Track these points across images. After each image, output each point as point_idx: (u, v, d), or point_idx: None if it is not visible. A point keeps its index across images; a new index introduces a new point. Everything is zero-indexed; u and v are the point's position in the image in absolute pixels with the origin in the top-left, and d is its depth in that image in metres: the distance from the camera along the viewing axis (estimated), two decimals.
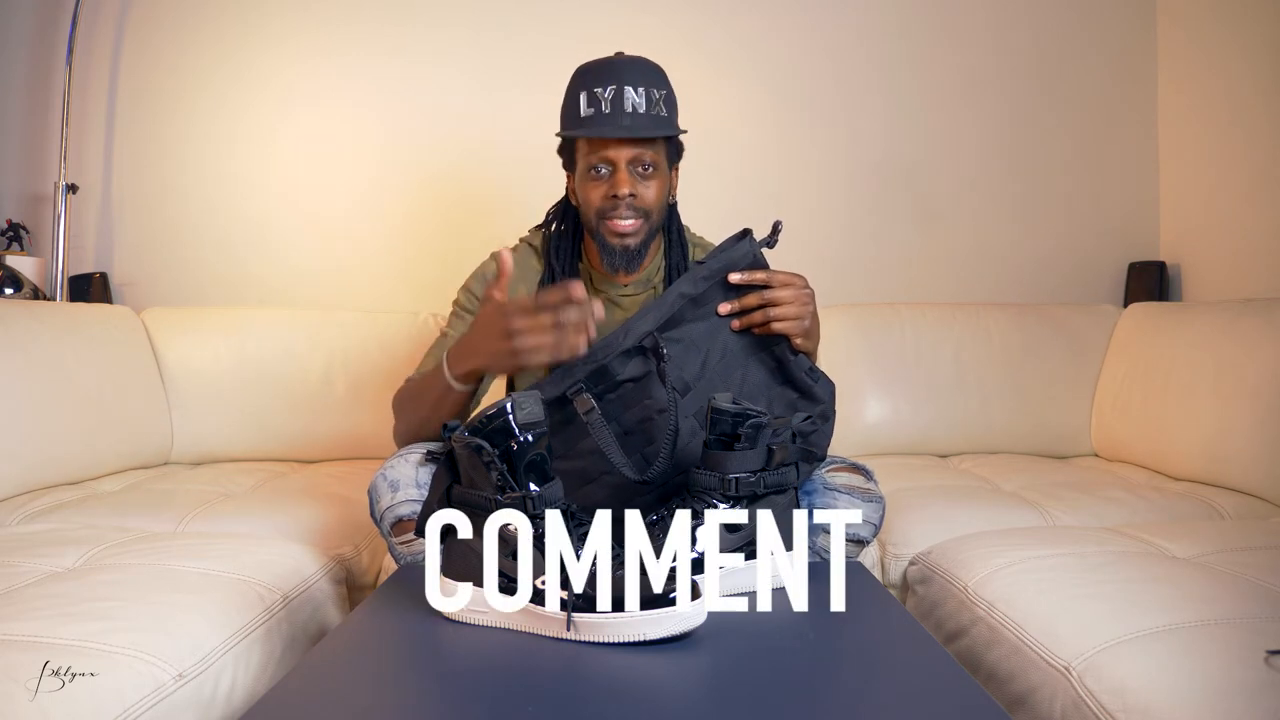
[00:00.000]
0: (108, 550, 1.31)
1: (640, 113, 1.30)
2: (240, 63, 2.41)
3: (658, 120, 1.32)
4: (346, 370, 2.12)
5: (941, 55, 2.44)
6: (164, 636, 1.01)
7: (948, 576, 1.35)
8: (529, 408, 0.96)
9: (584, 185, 1.35)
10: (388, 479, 1.23)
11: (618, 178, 1.31)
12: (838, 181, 2.45)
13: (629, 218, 1.32)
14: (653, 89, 1.31)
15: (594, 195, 1.34)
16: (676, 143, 1.40)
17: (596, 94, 1.30)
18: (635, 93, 1.29)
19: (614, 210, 1.32)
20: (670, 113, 1.35)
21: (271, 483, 1.88)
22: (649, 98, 1.31)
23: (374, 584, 1.53)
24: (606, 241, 1.34)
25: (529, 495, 0.94)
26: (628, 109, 1.29)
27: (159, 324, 2.13)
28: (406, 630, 0.98)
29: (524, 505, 0.94)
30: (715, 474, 1.07)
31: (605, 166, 1.32)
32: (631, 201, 1.32)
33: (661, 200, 1.36)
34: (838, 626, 1.00)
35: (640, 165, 1.32)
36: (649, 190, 1.33)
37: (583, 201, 1.37)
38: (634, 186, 1.32)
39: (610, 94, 1.29)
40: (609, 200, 1.32)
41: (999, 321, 2.18)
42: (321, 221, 2.42)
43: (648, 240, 1.36)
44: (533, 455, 0.96)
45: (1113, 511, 1.60)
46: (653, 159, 1.33)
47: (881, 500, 1.27)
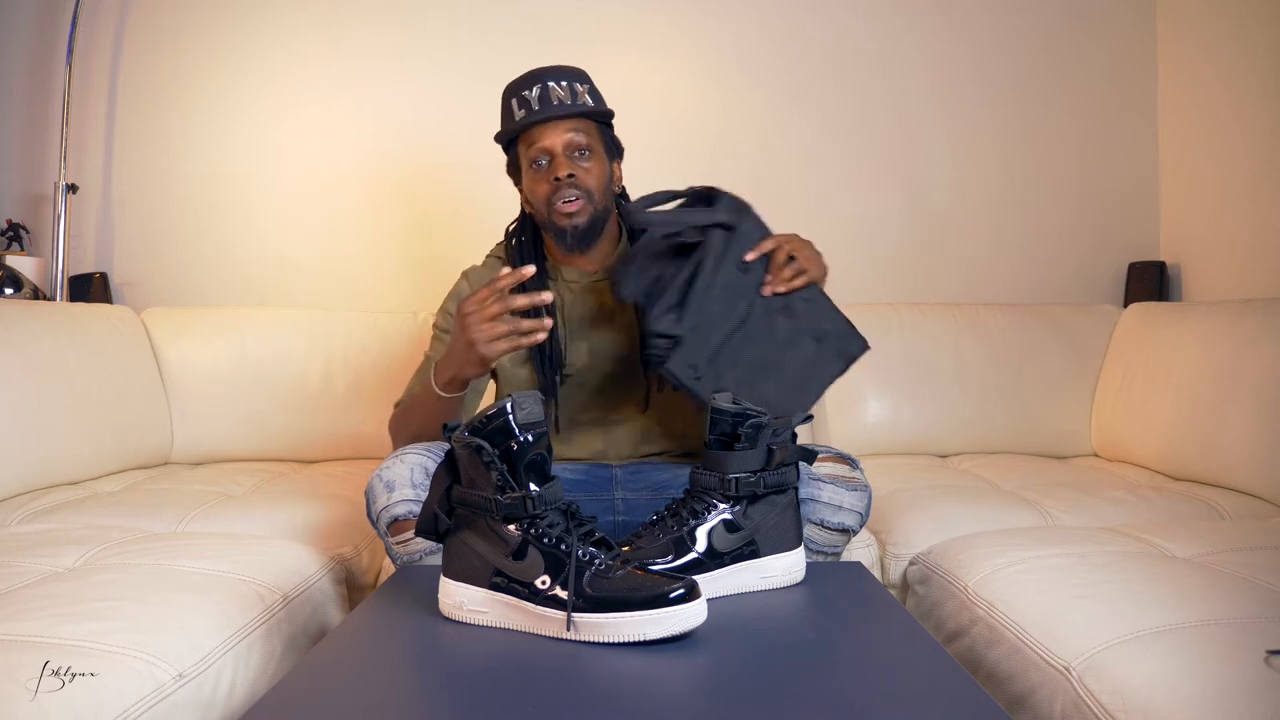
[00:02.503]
0: (108, 550, 1.31)
1: (567, 103, 1.39)
2: (240, 63, 2.41)
3: (583, 106, 1.41)
4: (346, 370, 2.12)
5: (942, 55, 2.44)
6: (164, 636, 1.01)
7: (948, 577, 1.35)
8: (529, 407, 0.96)
9: (530, 183, 1.43)
10: (383, 479, 1.24)
11: (556, 163, 1.39)
12: (836, 181, 2.44)
13: (572, 198, 1.38)
14: (575, 82, 1.41)
15: (540, 187, 1.41)
16: (613, 137, 1.47)
17: (525, 96, 1.40)
18: (560, 86, 1.40)
19: (557, 193, 1.38)
20: (596, 101, 1.43)
21: (271, 483, 1.88)
22: (573, 90, 1.40)
23: (374, 584, 1.53)
24: (557, 226, 1.40)
25: (529, 495, 0.94)
26: (554, 101, 1.39)
27: (159, 324, 2.13)
28: (406, 630, 0.98)
29: (524, 505, 0.94)
30: (715, 474, 1.08)
31: (544, 157, 1.40)
32: (572, 182, 1.38)
33: (603, 183, 1.42)
34: (838, 627, 1.00)
35: (576, 149, 1.40)
36: (588, 174, 1.40)
37: (533, 199, 1.44)
38: (572, 168, 1.38)
39: (536, 92, 1.39)
40: (552, 185, 1.39)
41: (999, 322, 2.18)
42: (322, 222, 2.42)
43: (596, 221, 1.41)
44: (533, 455, 0.96)
45: (1113, 511, 1.60)
46: (588, 143, 1.40)
47: (867, 489, 1.28)
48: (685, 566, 1.04)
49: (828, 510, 1.24)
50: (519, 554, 0.94)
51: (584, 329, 1.46)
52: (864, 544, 1.56)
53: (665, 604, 0.89)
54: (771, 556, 1.09)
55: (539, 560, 0.93)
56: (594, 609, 0.90)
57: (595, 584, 0.91)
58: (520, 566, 0.94)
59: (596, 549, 0.95)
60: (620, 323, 1.45)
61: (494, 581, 0.96)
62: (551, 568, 0.93)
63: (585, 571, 0.92)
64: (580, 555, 0.93)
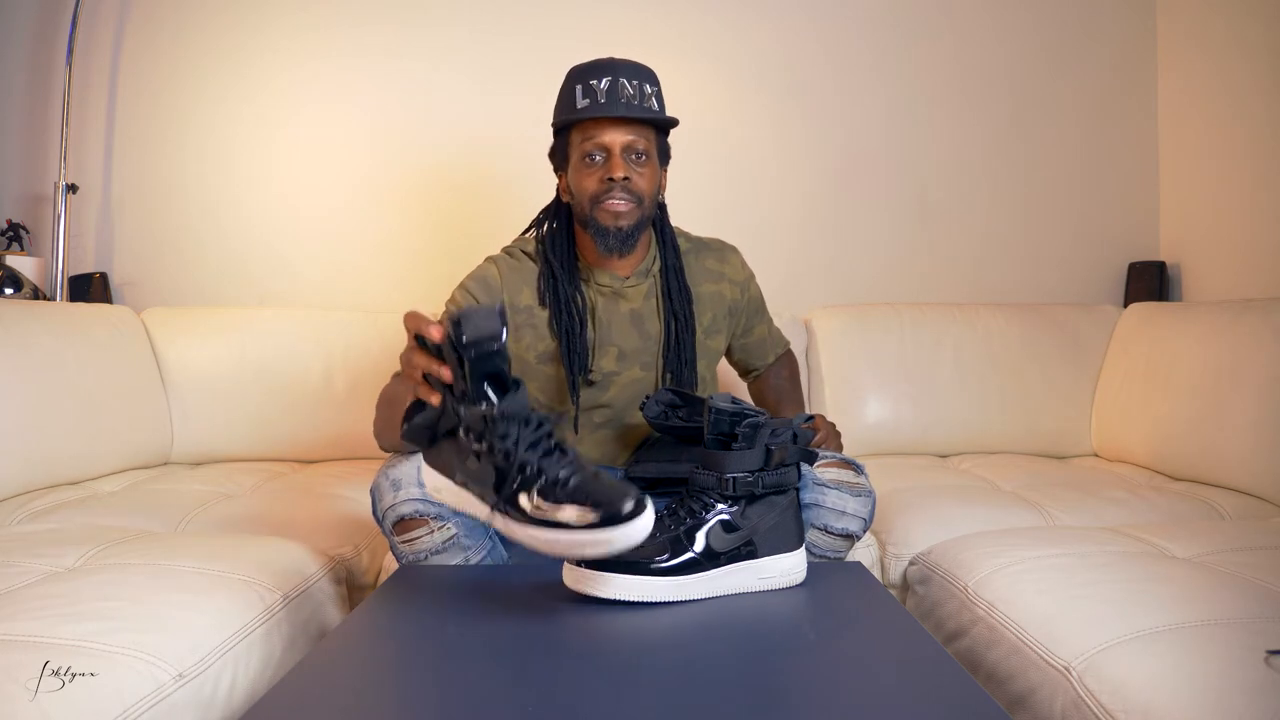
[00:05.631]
0: (108, 550, 1.30)
1: (635, 103, 1.35)
2: (240, 63, 2.41)
3: (653, 111, 1.37)
4: (346, 370, 2.12)
5: (941, 53, 2.44)
6: (164, 636, 1.00)
7: (948, 577, 1.35)
8: (477, 321, 0.95)
9: (578, 174, 1.39)
10: (390, 477, 1.23)
11: (613, 162, 1.35)
12: (835, 179, 2.44)
13: (624, 200, 1.36)
14: (645, 83, 1.37)
15: (589, 182, 1.37)
16: (666, 143, 1.44)
17: (592, 85, 1.35)
18: (630, 84, 1.35)
19: (609, 193, 1.35)
20: (662, 108, 1.40)
21: (271, 483, 1.87)
22: (642, 90, 1.36)
23: (374, 584, 1.53)
24: (601, 224, 1.37)
25: (489, 406, 0.95)
26: (623, 99, 1.34)
27: (159, 324, 2.13)
28: (406, 630, 0.98)
29: (485, 418, 0.95)
30: (713, 474, 1.07)
31: (600, 153, 1.36)
32: (626, 185, 1.35)
33: (653, 191, 1.40)
34: (837, 627, 1.00)
35: (634, 153, 1.36)
36: (642, 178, 1.37)
37: (576, 191, 1.40)
38: (628, 171, 1.35)
39: (605, 84, 1.35)
40: (604, 184, 1.36)
41: (999, 321, 2.18)
42: (322, 222, 2.42)
43: (640, 225, 1.39)
44: (488, 367, 0.96)
45: (1113, 511, 1.60)
46: (645, 148, 1.37)
47: (871, 494, 1.27)
48: (682, 566, 1.04)
49: (831, 516, 1.24)
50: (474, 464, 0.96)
51: (613, 334, 1.44)
52: (864, 544, 1.56)
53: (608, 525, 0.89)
54: (771, 558, 1.09)
55: (490, 472, 0.95)
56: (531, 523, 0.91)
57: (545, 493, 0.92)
58: (474, 472, 0.96)
59: (550, 456, 0.95)
60: (649, 330, 1.45)
61: (459, 480, 0.99)
62: (499, 483, 0.94)
63: (532, 484, 0.92)
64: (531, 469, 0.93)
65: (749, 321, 1.60)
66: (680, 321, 1.45)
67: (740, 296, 1.55)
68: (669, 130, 1.43)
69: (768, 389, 1.70)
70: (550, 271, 1.43)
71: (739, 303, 1.55)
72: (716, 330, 1.53)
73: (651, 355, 1.45)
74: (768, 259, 1.89)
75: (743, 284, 1.55)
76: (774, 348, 1.69)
